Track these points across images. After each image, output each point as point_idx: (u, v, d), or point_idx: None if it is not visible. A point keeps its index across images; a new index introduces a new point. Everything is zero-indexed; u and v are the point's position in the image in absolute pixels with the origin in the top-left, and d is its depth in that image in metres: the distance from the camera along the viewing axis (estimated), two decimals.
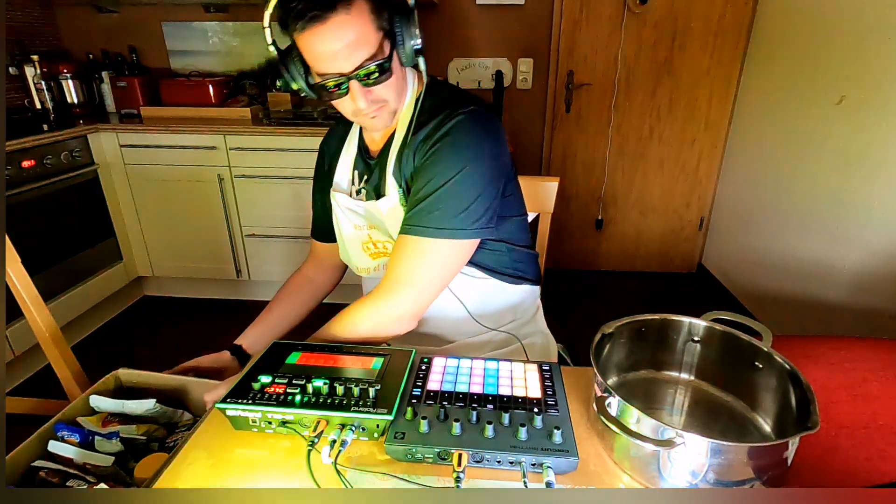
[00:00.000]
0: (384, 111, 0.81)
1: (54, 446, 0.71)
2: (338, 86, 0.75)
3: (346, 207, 0.91)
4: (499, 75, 2.45)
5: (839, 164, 1.76)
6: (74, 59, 2.53)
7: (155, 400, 0.79)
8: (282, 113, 2.35)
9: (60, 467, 0.69)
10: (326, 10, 0.68)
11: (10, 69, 2.29)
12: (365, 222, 0.92)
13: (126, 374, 0.86)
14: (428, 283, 0.80)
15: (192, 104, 2.35)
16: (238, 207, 2.26)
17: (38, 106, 2.34)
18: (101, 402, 0.80)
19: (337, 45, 0.70)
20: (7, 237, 0.96)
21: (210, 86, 2.37)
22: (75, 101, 2.39)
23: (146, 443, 0.76)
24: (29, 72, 2.30)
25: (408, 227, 0.79)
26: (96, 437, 0.74)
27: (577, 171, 2.68)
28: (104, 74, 2.47)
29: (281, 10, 0.70)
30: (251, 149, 2.15)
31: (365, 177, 0.91)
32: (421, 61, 0.77)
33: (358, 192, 0.92)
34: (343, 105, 0.79)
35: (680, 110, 2.52)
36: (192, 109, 2.33)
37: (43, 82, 2.30)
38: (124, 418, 0.79)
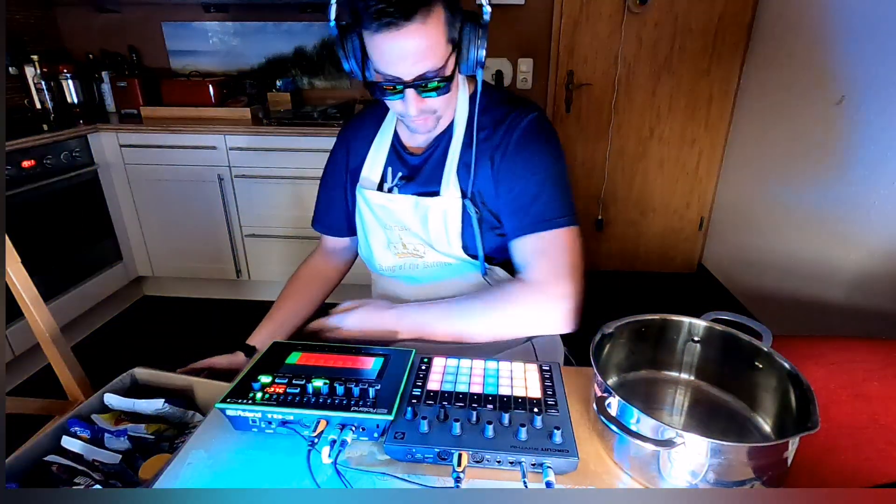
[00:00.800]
0: (431, 119, 0.80)
1: (67, 441, 0.72)
2: (394, 89, 0.73)
3: (377, 205, 0.88)
4: (499, 75, 2.46)
5: (839, 164, 1.76)
6: (74, 59, 2.53)
7: (164, 400, 0.80)
8: (282, 113, 2.35)
9: (70, 463, 0.70)
10: (405, 17, 0.65)
11: (10, 69, 2.29)
12: (397, 221, 0.89)
13: (142, 372, 0.86)
14: (580, 276, 0.77)
15: (192, 104, 2.35)
16: (238, 207, 2.26)
17: (38, 106, 2.34)
18: (113, 400, 0.80)
19: (404, 53, 0.68)
20: (7, 237, 0.95)
21: (210, 86, 2.37)
22: (75, 101, 2.39)
23: (156, 442, 0.76)
24: (29, 72, 2.30)
25: (538, 224, 0.77)
26: (106, 435, 0.74)
27: (578, 171, 2.68)
28: (104, 74, 2.47)
29: (358, 2, 0.67)
30: (251, 149, 2.15)
31: (400, 173, 0.89)
32: (479, 71, 0.76)
33: (391, 189, 0.90)
34: (393, 105, 0.78)
35: (680, 110, 2.52)
36: (192, 109, 2.33)
37: (43, 82, 2.30)
38: (136, 417, 0.80)
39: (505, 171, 0.81)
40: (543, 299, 0.77)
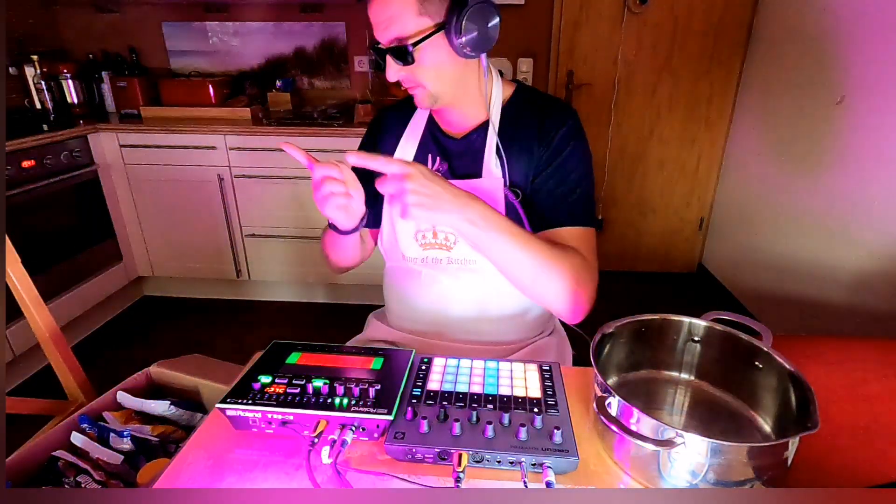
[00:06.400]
0: (420, 92, 0.82)
1: (76, 438, 0.72)
2: (377, 54, 0.80)
3: None
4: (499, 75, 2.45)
5: (839, 164, 1.75)
6: (74, 59, 2.53)
7: (169, 402, 0.80)
8: (282, 113, 2.35)
9: (76, 460, 0.70)
10: None
11: (10, 69, 2.29)
12: None
13: (157, 371, 0.86)
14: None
15: (192, 104, 2.35)
16: (238, 207, 2.26)
17: (38, 106, 2.34)
18: (125, 399, 0.81)
19: (377, 19, 0.75)
20: (7, 237, 0.96)
21: (210, 86, 2.37)
22: (75, 101, 2.39)
23: (161, 444, 0.76)
24: (29, 72, 2.30)
25: (578, 217, 0.81)
26: (111, 434, 0.74)
27: None
28: (104, 74, 2.47)
29: None
30: (251, 149, 2.15)
31: (439, 158, 0.90)
32: (484, 58, 0.81)
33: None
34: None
35: (680, 110, 2.52)
36: (192, 109, 2.33)
37: (43, 82, 2.30)
38: (146, 416, 0.80)
39: (554, 160, 0.83)
40: (586, 267, 0.77)
